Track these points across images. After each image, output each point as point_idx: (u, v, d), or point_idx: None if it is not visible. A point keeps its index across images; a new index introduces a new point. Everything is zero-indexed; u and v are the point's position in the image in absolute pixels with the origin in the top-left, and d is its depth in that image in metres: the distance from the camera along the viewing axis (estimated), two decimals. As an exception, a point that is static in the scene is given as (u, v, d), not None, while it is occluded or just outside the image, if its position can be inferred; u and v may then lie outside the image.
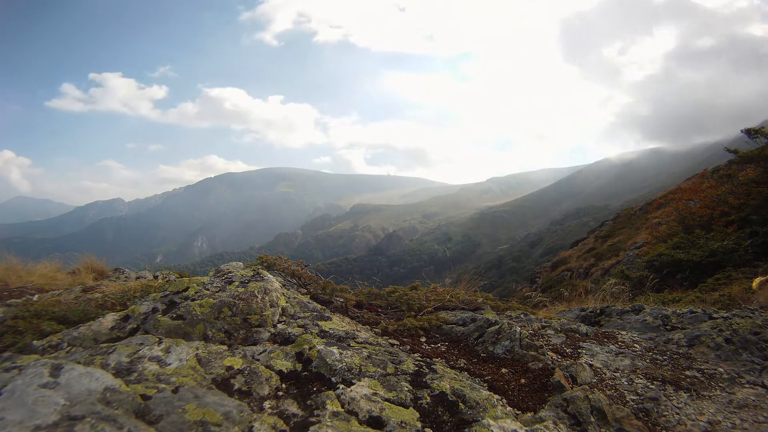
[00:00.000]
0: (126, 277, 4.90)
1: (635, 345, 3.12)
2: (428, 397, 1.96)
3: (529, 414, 2.06)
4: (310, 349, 2.21)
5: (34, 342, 2.19)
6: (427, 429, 1.75)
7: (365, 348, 2.42)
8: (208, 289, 2.57)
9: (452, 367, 2.48)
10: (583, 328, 3.49)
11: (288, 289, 3.30)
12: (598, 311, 4.17)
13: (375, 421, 1.74)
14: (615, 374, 2.63)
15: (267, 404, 1.80)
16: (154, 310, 2.37)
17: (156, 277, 4.61)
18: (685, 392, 2.40)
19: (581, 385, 2.40)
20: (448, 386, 2.05)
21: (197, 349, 2.02)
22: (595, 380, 2.52)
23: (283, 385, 1.97)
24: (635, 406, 2.26)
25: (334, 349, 2.23)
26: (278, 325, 2.56)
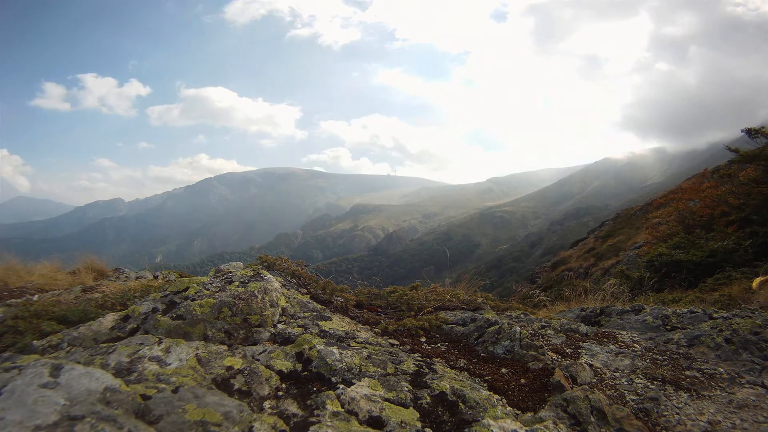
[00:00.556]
0: (126, 277, 4.91)
1: (635, 345, 3.11)
2: (428, 397, 1.96)
3: (529, 414, 2.06)
4: (310, 349, 2.21)
5: (34, 342, 2.19)
6: (427, 429, 1.75)
7: (365, 348, 2.42)
8: (208, 289, 2.57)
9: (452, 367, 2.48)
10: (583, 328, 3.49)
11: (288, 289, 3.30)
12: (598, 311, 4.17)
13: (375, 421, 1.74)
14: (615, 374, 2.63)
15: (267, 404, 1.80)
16: (154, 310, 2.37)
17: (156, 277, 4.61)
18: (685, 392, 2.40)
19: (581, 385, 2.39)
20: (448, 386, 2.05)
21: (197, 349, 2.02)
22: (595, 380, 2.52)
23: (283, 385, 1.97)
24: (635, 406, 2.26)
25: (334, 349, 2.23)
26: (278, 325, 2.56)
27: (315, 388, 1.96)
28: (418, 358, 2.48)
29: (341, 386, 1.95)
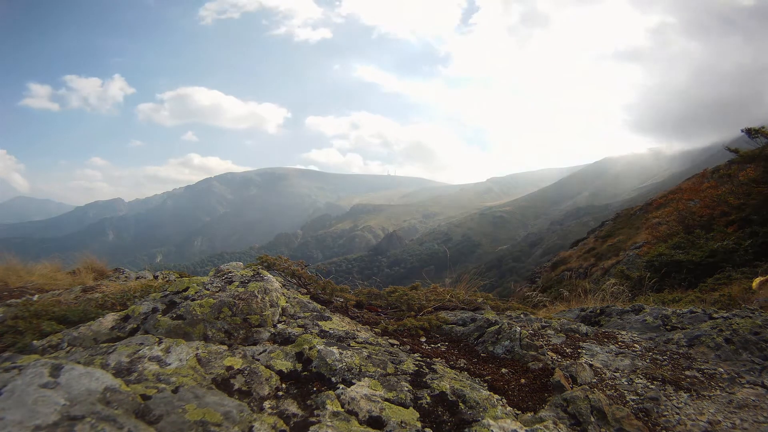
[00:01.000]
0: (126, 277, 4.91)
1: (635, 345, 3.11)
2: (428, 397, 1.96)
3: (529, 414, 2.06)
4: (310, 349, 2.21)
5: (34, 342, 2.19)
6: (427, 429, 1.75)
7: (365, 348, 2.42)
8: (208, 289, 2.57)
9: (452, 367, 2.48)
10: (583, 328, 3.49)
11: (288, 289, 3.30)
12: (598, 311, 4.17)
13: (375, 421, 1.74)
14: (615, 374, 2.63)
15: (267, 404, 1.80)
16: (154, 310, 2.37)
17: (156, 277, 4.61)
18: (685, 392, 2.40)
19: (581, 385, 2.40)
20: (448, 386, 2.05)
21: (197, 349, 2.02)
22: (595, 380, 2.52)
23: (283, 385, 1.97)
24: (635, 406, 2.26)
25: (334, 349, 2.24)
26: (278, 325, 2.56)
27: (315, 388, 1.96)
28: (418, 358, 2.48)
29: (341, 386, 1.95)
